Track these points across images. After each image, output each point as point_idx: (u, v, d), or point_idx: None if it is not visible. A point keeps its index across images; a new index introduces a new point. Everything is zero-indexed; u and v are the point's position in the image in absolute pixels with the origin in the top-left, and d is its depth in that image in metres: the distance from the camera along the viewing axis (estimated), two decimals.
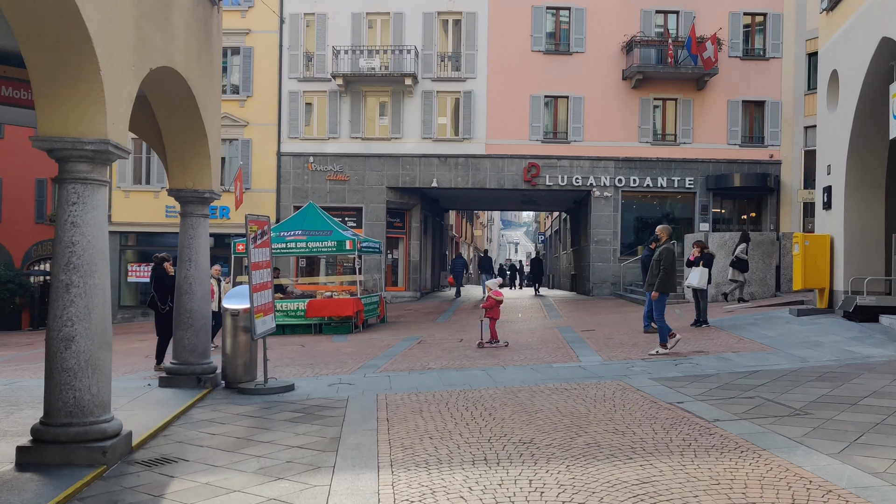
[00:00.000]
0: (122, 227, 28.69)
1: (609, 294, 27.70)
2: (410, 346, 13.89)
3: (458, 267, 33.37)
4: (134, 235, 29.26)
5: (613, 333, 14.25)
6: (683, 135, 28.06)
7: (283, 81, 28.49)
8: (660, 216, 28.68)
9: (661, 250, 11.22)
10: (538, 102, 28.05)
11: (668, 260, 11.10)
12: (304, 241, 18.60)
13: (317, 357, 12.69)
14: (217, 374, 9.66)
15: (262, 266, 9.37)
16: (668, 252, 11.18)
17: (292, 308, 18.48)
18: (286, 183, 28.38)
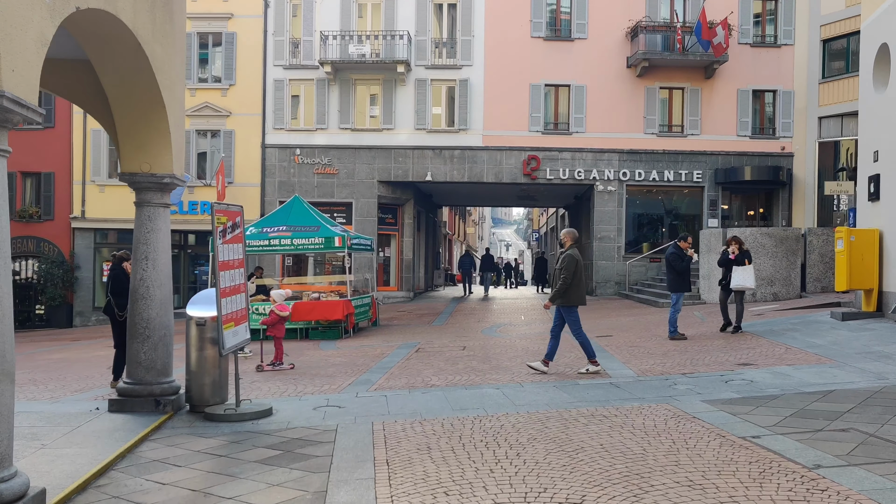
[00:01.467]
0: (97, 223, 26.99)
1: (613, 294, 26.21)
2: (408, 355, 12.33)
3: (465, 265, 32.29)
4: (112, 233, 27.51)
5: (635, 340, 12.73)
6: (691, 126, 26.59)
7: (268, 69, 26.84)
8: (667, 211, 27.26)
9: (564, 257, 9.65)
10: (538, 91, 26.52)
11: (571, 268, 9.53)
12: (288, 237, 16.98)
13: (301, 369, 11.10)
14: (180, 395, 8.06)
15: (232, 265, 7.78)
16: (571, 259, 9.58)
17: None
18: (271, 177, 26.74)
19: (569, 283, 9.55)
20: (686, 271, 12.70)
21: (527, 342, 13.51)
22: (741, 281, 12.60)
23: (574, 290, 9.61)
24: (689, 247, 12.72)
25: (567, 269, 9.58)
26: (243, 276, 8.10)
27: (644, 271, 26.31)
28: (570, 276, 9.56)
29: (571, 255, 9.71)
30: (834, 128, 25.55)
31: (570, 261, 9.65)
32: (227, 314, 7.51)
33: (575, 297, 9.63)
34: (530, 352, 11.94)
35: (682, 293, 12.74)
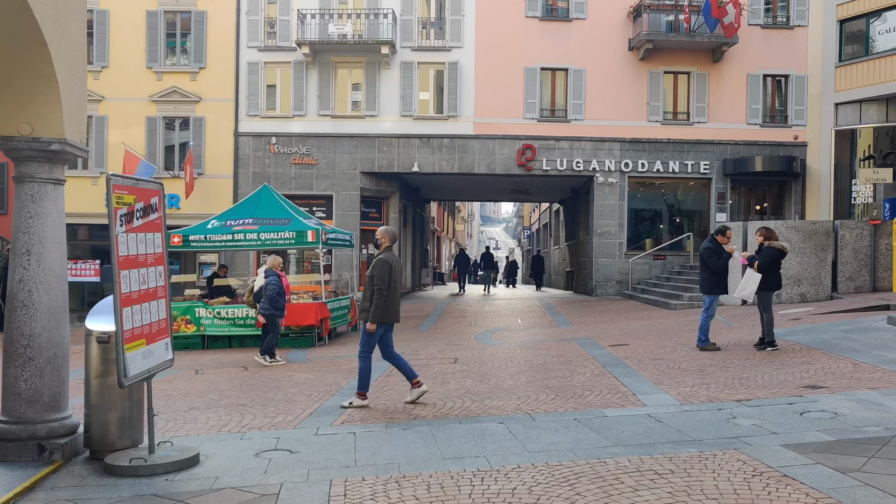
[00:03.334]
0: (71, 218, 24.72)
1: (615, 294, 24.28)
2: (388, 368, 10.30)
3: (461, 263, 31.51)
4: (82, 229, 25.32)
5: (657, 350, 10.77)
6: (698, 113, 24.69)
7: (241, 51, 24.72)
8: (671, 205, 25.36)
9: (376, 263, 7.71)
10: (533, 76, 24.54)
11: (385, 276, 7.69)
12: (255, 231, 14.93)
13: (256, 390, 9.06)
14: (77, 436, 6.02)
15: (143, 262, 5.74)
16: (384, 265, 7.74)
17: (240, 315, 14.80)
18: (245, 167, 24.64)
19: (385, 294, 7.61)
20: (723, 270, 10.74)
21: (529, 352, 11.52)
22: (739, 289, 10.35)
23: (388, 303, 7.68)
24: (728, 241, 10.75)
25: (381, 277, 7.64)
26: (162, 275, 6.05)
27: (647, 269, 24.40)
28: (385, 285, 7.63)
29: (385, 260, 7.75)
30: (851, 115, 23.70)
31: (383, 267, 7.70)
32: (133, 329, 5.47)
33: (387, 311, 7.70)
34: (535, 366, 9.95)
35: (717, 296, 10.77)
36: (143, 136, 24.64)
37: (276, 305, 11.89)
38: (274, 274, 12.06)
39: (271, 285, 11.79)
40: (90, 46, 24.78)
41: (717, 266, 10.60)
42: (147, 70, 24.68)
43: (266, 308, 11.87)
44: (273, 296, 11.80)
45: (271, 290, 11.79)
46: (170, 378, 10.45)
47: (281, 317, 12.09)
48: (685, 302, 17.55)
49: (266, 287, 11.86)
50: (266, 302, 11.86)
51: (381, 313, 7.65)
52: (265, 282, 11.94)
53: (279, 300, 11.92)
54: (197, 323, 14.88)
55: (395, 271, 7.83)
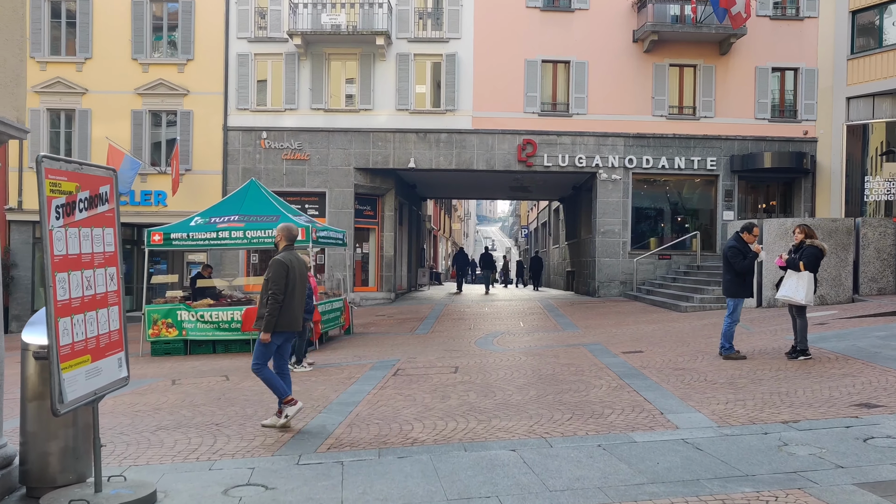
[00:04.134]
0: (36, 215, 23.65)
1: (618, 295, 23.39)
2: (382, 380, 9.39)
3: (460, 261, 31.36)
4: None
5: (676, 359, 9.86)
6: (704, 107, 23.81)
7: (231, 42, 23.77)
8: (676, 203, 24.48)
9: (272, 264, 6.76)
10: (534, 68, 23.63)
11: (281, 279, 6.77)
12: (240, 229, 13.97)
13: (235, 405, 8.13)
14: (11, 469, 5.08)
15: (88, 263, 4.79)
16: (280, 267, 6.82)
17: (225, 318, 13.86)
18: (234, 163, 23.68)
19: (280, 300, 6.69)
20: (748, 271, 9.85)
21: (536, 360, 10.60)
22: (790, 292, 9.36)
23: (285, 310, 6.78)
24: (754, 240, 9.84)
25: (276, 280, 6.72)
26: (115, 279, 5.11)
27: (652, 269, 23.52)
28: (282, 290, 6.71)
29: (280, 261, 6.83)
30: (864, 109, 22.84)
31: (278, 269, 6.78)
32: (74, 343, 4.53)
33: (284, 319, 6.80)
34: (544, 376, 9.03)
35: (742, 299, 9.89)
36: (129, 130, 23.68)
37: (304, 308, 10.95)
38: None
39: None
40: (73, 37, 23.82)
41: (742, 267, 9.71)
42: (132, 62, 23.71)
43: None
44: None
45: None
46: (143, 390, 9.51)
47: (309, 320, 11.16)
48: (696, 304, 16.65)
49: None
50: None
51: (277, 321, 6.71)
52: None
53: (307, 303, 10.97)
54: (179, 327, 13.93)
55: (295, 273, 6.88)
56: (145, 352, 14.09)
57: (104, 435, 6.32)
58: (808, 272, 9.16)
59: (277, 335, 6.83)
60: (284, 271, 6.78)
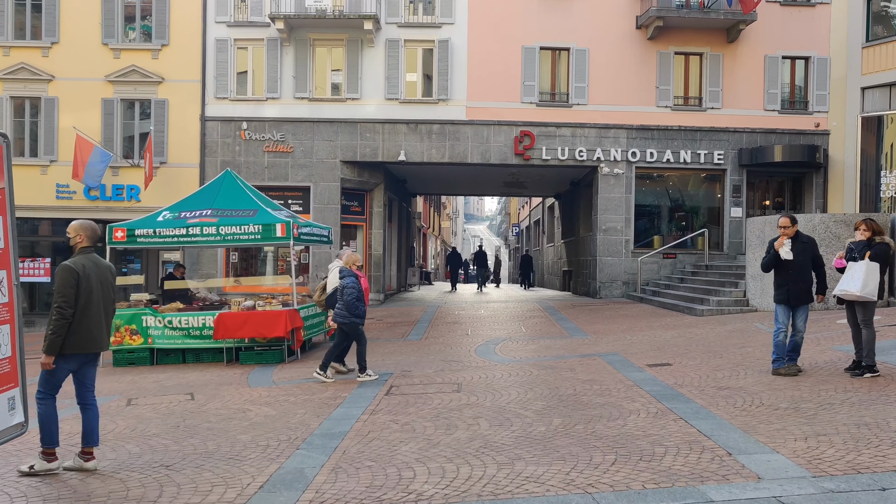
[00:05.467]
0: None
1: (621, 296, 22.07)
2: (374, 399, 7.99)
3: (453, 261, 31.08)
4: (20, 222, 22.65)
5: (714, 374, 8.51)
6: (711, 98, 22.52)
7: (209, 26, 22.25)
8: (680, 198, 23.18)
9: (58, 269, 5.35)
10: (532, 56, 22.26)
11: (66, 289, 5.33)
12: (213, 224, 12.51)
13: (195, 436, 6.69)
14: None
15: None
16: (67, 272, 5.39)
17: (196, 325, 12.39)
18: (212, 156, 22.16)
19: (67, 315, 5.29)
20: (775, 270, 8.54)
21: (550, 375, 9.21)
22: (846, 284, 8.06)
23: (78, 327, 5.36)
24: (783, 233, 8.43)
25: (61, 290, 5.32)
26: (5, 286, 3.67)
27: (656, 269, 22.22)
28: (70, 302, 5.31)
29: (68, 269, 5.41)
30: (881, 100, 21.60)
31: (65, 277, 5.37)
32: None
33: (75, 339, 5.37)
34: (564, 397, 7.65)
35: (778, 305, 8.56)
36: (99, 120, 22.11)
37: (357, 312, 9.58)
38: (351, 274, 9.70)
39: (349, 288, 9.51)
40: (39, 20, 22.22)
41: (762, 265, 8.50)
42: (103, 47, 22.14)
43: (344, 316, 9.60)
44: (352, 301, 9.48)
45: (350, 295, 9.46)
46: None
47: (362, 324, 9.76)
48: (712, 307, 15.33)
49: (343, 291, 9.54)
50: (344, 308, 9.56)
51: (65, 342, 5.31)
52: (342, 284, 9.62)
53: (359, 306, 9.56)
54: (144, 334, 12.46)
55: (91, 282, 5.48)
56: (107, 362, 12.60)
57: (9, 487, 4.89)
58: (873, 263, 7.81)
59: (69, 359, 5.40)
60: (74, 280, 5.35)
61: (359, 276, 9.88)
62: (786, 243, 8.44)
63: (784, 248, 8.43)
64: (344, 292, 9.54)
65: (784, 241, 8.43)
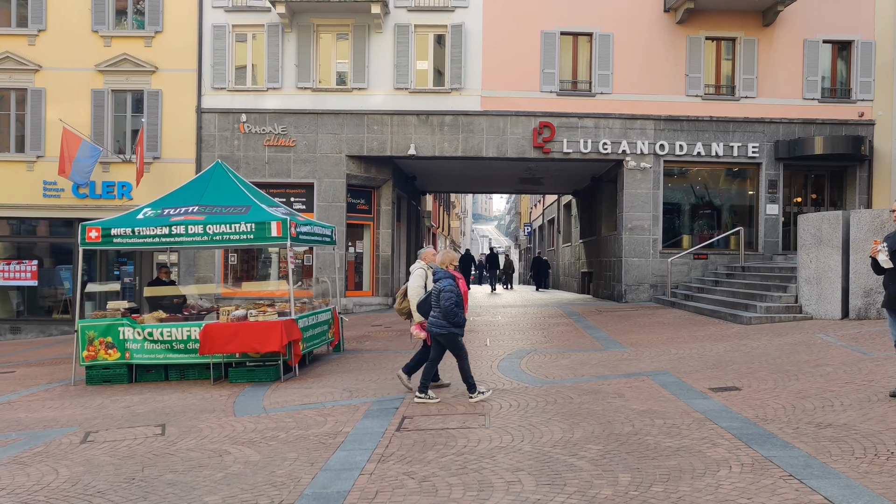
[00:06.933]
0: None
1: (648, 300, 20.44)
2: (383, 438, 6.44)
3: (465, 263, 30.36)
4: (3, 222, 21.23)
5: (801, 403, 6.91)
6: (745, 86, 20.86)
7: (205, 12, 20.77)
8: (714, 194, 21.53)
9: None
10: (552, 41, 20.66)
11: None
12: (199, 223, 10.95)
13: (150, 495, 5.14)
14: None
15: None
16: None
17: (180, 337, 10.85)
18: (209, 150, 20.66)
19: None
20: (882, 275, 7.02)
21: (595, 401, 7.63)
22: None
23: None
24: None
25: None
26: None
27: (686, 271, 20.58)
28: None
29: None
30: None
31: None
32: None
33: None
34: (622, 436, 6.07)
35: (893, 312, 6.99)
36: (89, 112, 20.65)
37: (456, 321, 8.00)
38: (448, 275, 8.18)
39: (447, 292, 7.98)
40: (24, 6, 20.78)
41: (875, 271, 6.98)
42: (93, 34, 20.69)
43: (441, 325, 8.05)
44: (451, 308, 7.94)
45: (448, 300, 7.94)
46: (34, 453, 6.53)
47: (462, 334, 8.18)
48: (760, 314, 13.67)
49: (440, 295, 8.00)
50: (441, 316, 8.03)
51: None
52: (438, 287, 8.09)
53: (459, 313, 7.99)
54: (121, 347, 10.92)
55: None
56: (79, 379, 11.09)
57: None
58: None
59: None
60: None
61: (456, 277, 8.25)
62: (881, 248, 6.88)
63: (882, 254, 6.88)
64: (441, 297, 7.94)
65: (879, 247, 6.88)
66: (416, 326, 8.68)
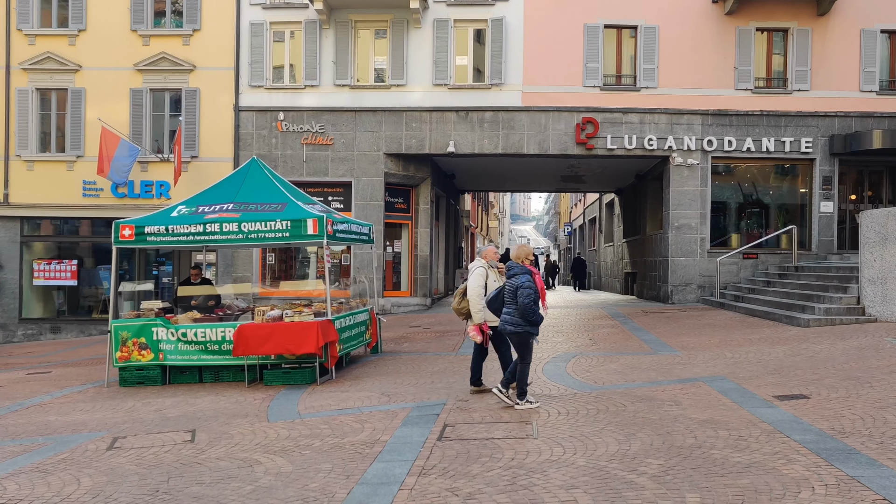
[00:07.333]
0: (25, 209, 20.80)
1: (696, 301, 19.72)
2: (423, 448, 6.00)
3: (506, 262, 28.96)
4: (45, 223, 21.32)
5: (880, 414, 6.31)
6: (798, 79, 20.00)
7: (243, 9, 20.58)
8: (764, 191, 20.71)
9: None
10: (595, 34, 20.05)
11: None
12: (234, 220, 10.64)
13: None
14: None
15: None
16: None
17: (214, 338, 10.55)
18: (247, 149, 20.46)
19: None
20: None
21: (651, 409, 7.10)
22: None
23: None
24: None
25: None
26: None
27: (735, 271, 19.81)
28: None
29: None
30: None
31: None
32: None
33: None
34: (683, 450, 5.55)
35: None
36: (128, 111, 20.61)
37: (533, 319, 7.43)
38: (525, 270, 7.60)
39: (525, 289, 7.40)
40: (65, 6, 20.83)
41: None
42: (131, 33, 20.65)
43: (517, 324, 7.48)
44: (529, 305, 7.37)
45: (526, 296, 7.36)
46: (57, 460, 6.22)
47: (537, 334, 7.65)
48: (820, 316, 12.94)
49: (518, 291, 7.43)
50: (517, 314, 7.47)
51: None
52: (514, 283, 7.53)
53: (536, 311, 7.51)
54: (155, 348, 10.67)
55: None
56: (112, 380, 10.86)
57: None
58: None
59: None
60: None
61: (533, 272, 7.67)
62: None
63: None
64: (519, 293, 7.38)
65: None
66: (474, 328, 8.21)
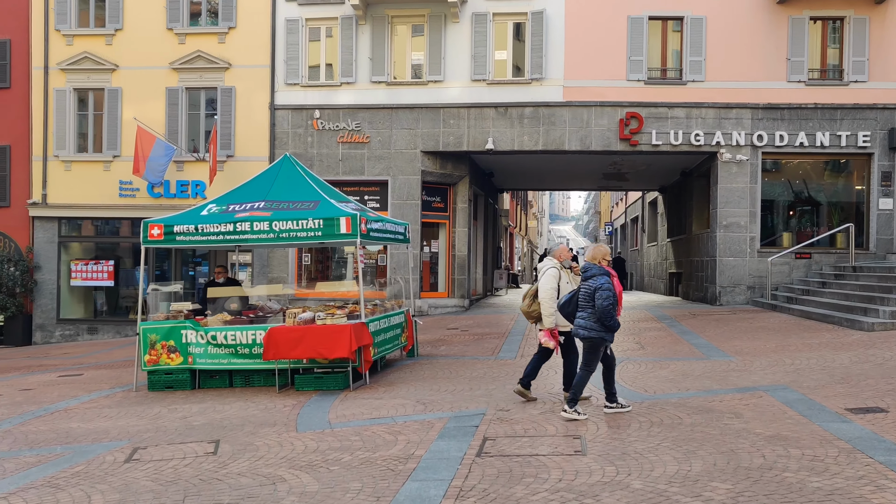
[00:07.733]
0: (62, 210, 20.79)
1: (745, 302, 18.88)
2: (461, 465, 5.48)
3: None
4: (85, 223, 21.30)
5: None
6: (855, 69, 19.04)
7: (278, 6, 20.30)
8: (818, 188, 19.78)
9: None
10: (639, 26, 19.34)
11: None
12: (265, 219, 10.24)
13: None
14: None
15: None
16: None
17: (244, 341, 10.16)
18: (282, 147, 20.15)
19: None
20: None
21: (707, 422, 6.50)
22: None
23: None
24: None
25: None
26: None
27: (787, 272, 18.93)
28: None
29: None
30: None
31: None
32: None
33: None
34: (752, 471, 4.96)
35: None
36: (163, 111, 20.48)
37: (610, 324, 6.97)
38: (603, 272, 7.13)
39: (604, 291, 6.96)
40: (102, 6, 20.77)
41: None
42: (167, 32, 20.50)
43: (592, 329, 7.02)
44: (607, 308, 6.91)
45: (605, 299, 6.92)
46: (73, 472, 5.85)
47: (612, 341, 7.21)
48: (885, 320, 12.13)
49: (596, 294, 6.98)
50: (593, 318, 7.02)
51: None
52: (591, 285, 7.06)
53: (614, 316, 7.06)
54: (184, 352, 10.33)
55: None
56: (141, 384, 10.55)
57: None
58: None
59: None
60: None
61: (612, 274, 7.14)
62: None
63: None
64: (597, 295, 6.93)
65: None
66: (546, 333, 7.68)
